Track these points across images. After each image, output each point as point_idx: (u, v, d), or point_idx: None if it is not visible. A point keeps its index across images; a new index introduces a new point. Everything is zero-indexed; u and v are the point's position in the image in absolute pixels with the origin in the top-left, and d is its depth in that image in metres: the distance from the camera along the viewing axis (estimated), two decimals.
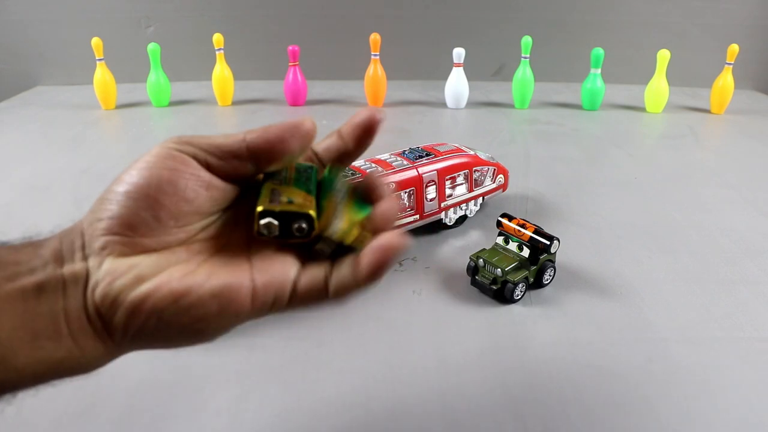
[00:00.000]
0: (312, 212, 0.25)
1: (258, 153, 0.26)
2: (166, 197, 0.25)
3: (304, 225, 0.25)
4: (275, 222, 0.25)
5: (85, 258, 0.24)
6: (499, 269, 0.51)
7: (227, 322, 0.25)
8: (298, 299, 0.26)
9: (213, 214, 0.27)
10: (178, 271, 0.24)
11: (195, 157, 0.26)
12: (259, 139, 0.26)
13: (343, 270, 0.26)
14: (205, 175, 0.26)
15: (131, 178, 0.25)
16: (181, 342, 0.25)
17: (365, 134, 0.30)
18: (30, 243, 0.25)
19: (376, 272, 0.25)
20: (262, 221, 0.25)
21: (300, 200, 0.26)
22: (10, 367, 0.22)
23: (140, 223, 0.24)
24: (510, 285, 0.51)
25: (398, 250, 0.25)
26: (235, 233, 0.27)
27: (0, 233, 0.68)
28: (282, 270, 0.26)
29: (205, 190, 0.26)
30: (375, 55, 1.16)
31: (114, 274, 0.24)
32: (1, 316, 0.22)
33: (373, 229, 0.27)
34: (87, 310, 0.23)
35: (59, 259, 0.24)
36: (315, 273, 0.26)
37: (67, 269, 0.24)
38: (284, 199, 0.26)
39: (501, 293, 0.51)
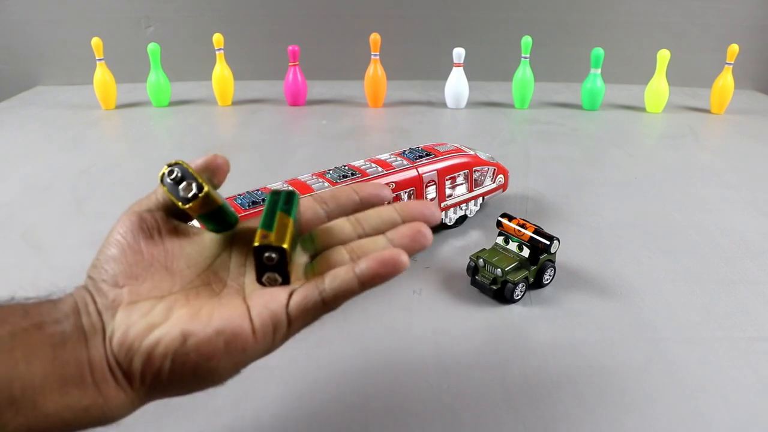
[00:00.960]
0: (278, 244, 0.27)
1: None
2: (149, 249, 0.28)
3: (274, 255, 0.27)
4: (275, 276, 0.28)
5: (98, 312, 0.26)
6: (499, 269, 0.51)
7: (236, 358, 0.26)
8: (296, 320, 0.27)
9: (202, 261, 0.29)
10: (185, 315, 0.26)
11: (151, 214, 0.29)
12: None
13: (338, 278, 0.27)
14: (169, 223, 0.29)
15: (113, 242, 0.28)
16: (196, 385, 0.26)
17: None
18: (48, 300, 0.26)
19: (371, 281, 0.26)
20: (264, 279, 0.28)
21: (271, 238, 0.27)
22: (40, 413, 0.23)
23: (138, 272, 0.27)
24: (510, 285, 0.51)
25: (397, 269, 0.26)
26: (226, 276, 0.29)
27: (0, 233, 0.68)
28: (272, 298, 0.27)
29: (177, 237, 0.29)
30: (375, 55, 1.16)
31: (127, 323, 0.25)
32: (34, 362, 0.23)
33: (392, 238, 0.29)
34: (108, 360, 0.25)
35: (77, 313, 0.26)
36: (306, 290, 0.27)
37: (86, 322, 0.25)
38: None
39: (501, 293, 0.51)
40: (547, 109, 1.21)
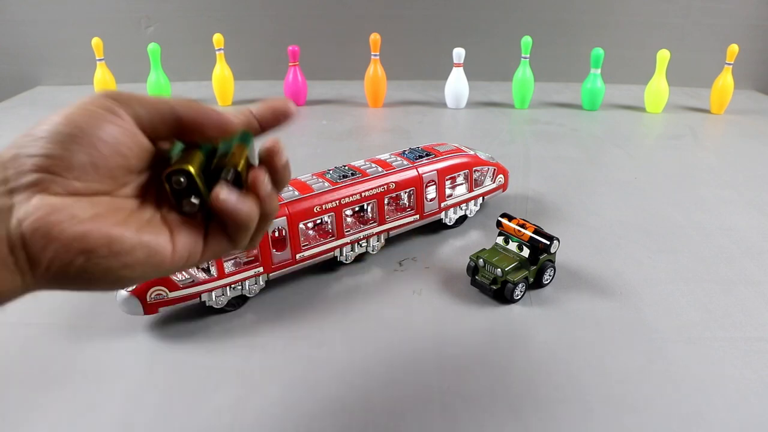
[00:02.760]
0: (186, 167, 0.26)
1: (183, 124, 0.28)
2: (99, 143, 0.25)
3: (182, 179, 0.26)
4: (192, 202, 0.27)
5: (9, 192, 0.23)
6: (499, 269, 0.51)
7: (147, 272, 0.26)
8: (208, 253, 0.28)
9: (136, 172, 0.27)
10: (111, 218, 0.25)
11: (127, 110, 0.26)
12: (186, 112, 0.28)
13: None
14: (135, 129, 0.27)
15: (65, 118, 0.25)
16: (100, 285, 0.25)
17: (274, 120, 0.30)
18: None
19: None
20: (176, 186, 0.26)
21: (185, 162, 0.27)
22: None
23: (74, 164, 0.24)
24: (510, 285, 0.51)
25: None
26: (152, 194, 0.28)
27: None
28: (193, 227, 0.27)
29: (133, 144, 0.26)
30: (375, 55, 1.16)
31: (47, 209, 0.23)
32: None
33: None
34: (11, 241, 0.23)
35: None
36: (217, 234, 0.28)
37: None
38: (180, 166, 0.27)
39: (501, 293, 0.51)
40: (547, 109, 1.21)
